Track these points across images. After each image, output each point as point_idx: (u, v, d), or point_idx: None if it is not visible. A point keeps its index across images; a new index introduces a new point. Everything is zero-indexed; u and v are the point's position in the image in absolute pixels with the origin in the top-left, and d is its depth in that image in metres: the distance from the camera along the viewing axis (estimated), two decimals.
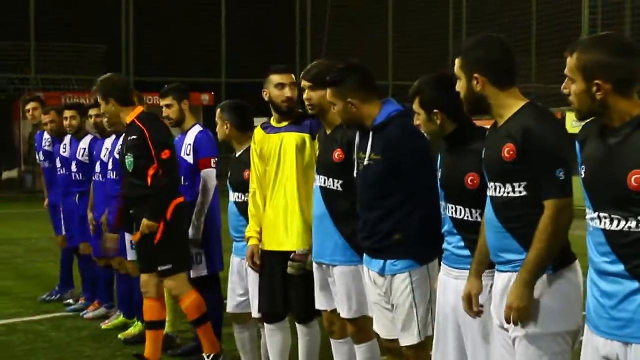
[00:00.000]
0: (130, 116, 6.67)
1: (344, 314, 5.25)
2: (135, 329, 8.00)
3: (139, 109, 6.77)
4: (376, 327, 4.99)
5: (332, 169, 5.21)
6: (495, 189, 3.89)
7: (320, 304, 5.47)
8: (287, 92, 5.72)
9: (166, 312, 7.23)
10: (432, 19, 34.34)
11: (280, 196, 5.70)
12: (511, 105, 3.88)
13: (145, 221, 6.50)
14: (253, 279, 6.01)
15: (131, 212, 6.81)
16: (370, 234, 4.80)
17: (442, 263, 4.45)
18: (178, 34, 32.55)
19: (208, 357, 6.75)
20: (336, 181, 5.20)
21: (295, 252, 5.57)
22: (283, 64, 6.14)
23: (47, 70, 33.47)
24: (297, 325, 5.83)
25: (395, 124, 4.72)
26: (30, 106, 10.04)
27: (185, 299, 6.71)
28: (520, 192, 3.81)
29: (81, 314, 9.04)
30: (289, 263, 5.56)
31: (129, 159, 6.58)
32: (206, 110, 30.92)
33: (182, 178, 6.94)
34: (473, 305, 4.09)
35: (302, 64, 36.76)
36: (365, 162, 4.80)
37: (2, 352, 7.62)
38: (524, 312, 3.76)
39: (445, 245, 4.39)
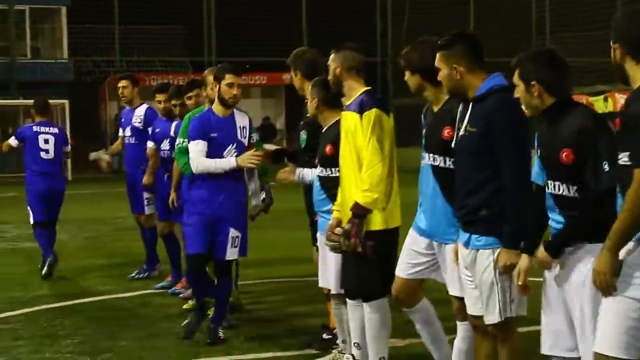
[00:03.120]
0: None
1: (454, 291, 5.23)
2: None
3: None
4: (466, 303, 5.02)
5: (441, 147, 5.14)
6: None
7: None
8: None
9: None
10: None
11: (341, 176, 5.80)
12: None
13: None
14: (332, 255, 5.99)
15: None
16: (461, 206, 4.85)
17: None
18: (258, 13, 32.72)
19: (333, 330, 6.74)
20: (447, 159, 5.13)
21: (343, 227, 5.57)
22: (364, 42, 6.11)
23: (131, 53, 34.04)
24: (363, 305, 5.75)
25: (494, 98, 4.67)
26: (121, 84, 10.08)
27: None
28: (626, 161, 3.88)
29: (169, 291, 9.21)
30: (327, 236, 5.70)
31: (303, 135, 6.68)
32: (287, 88, 31.04)
33: None
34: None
35: (383, 44, 36.67)
36: (461, 133, 4.81)
37: (94, 328, 7.83)
38: (603, 277, 3.89)
39: (548, 222, 4.43)
